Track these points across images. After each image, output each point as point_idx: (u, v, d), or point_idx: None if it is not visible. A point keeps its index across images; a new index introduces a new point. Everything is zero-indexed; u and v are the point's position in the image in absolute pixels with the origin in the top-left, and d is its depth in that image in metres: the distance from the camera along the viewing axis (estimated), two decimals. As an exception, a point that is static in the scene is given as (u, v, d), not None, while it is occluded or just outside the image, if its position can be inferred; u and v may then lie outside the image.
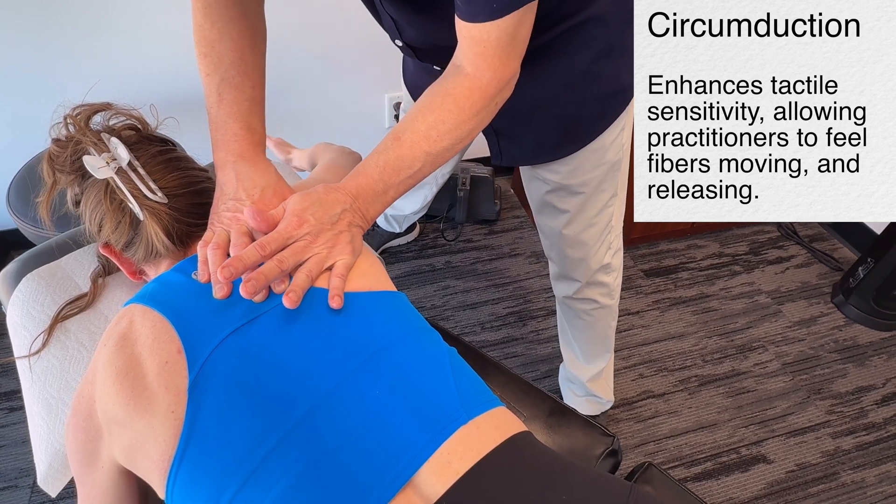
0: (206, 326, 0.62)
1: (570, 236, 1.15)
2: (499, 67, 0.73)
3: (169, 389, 0.59)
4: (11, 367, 1.49)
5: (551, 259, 1.29)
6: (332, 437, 0.58)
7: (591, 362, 1.44)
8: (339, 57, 1.83)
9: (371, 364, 0.62)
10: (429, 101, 0.75)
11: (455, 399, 0.62)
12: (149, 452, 0.59)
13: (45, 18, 1.52)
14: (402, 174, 0.74)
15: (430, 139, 0.74)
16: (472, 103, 0.74)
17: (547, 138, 1.02)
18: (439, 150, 0.75)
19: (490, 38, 0.70)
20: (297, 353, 0.62)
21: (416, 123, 0.75)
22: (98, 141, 0.72)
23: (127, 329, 0.64)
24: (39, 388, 0.82)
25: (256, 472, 0.56)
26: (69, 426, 0.67)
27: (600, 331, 1.37)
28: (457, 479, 0.56)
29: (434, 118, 0.74)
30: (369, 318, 0.66)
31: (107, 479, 0.66)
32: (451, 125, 0.74)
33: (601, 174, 1.06)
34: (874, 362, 1.72)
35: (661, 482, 0.89)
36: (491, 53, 0.72)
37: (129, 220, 0.72)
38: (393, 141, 0.75)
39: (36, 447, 0.81)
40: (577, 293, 1.28)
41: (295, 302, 0.63)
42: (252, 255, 0.65)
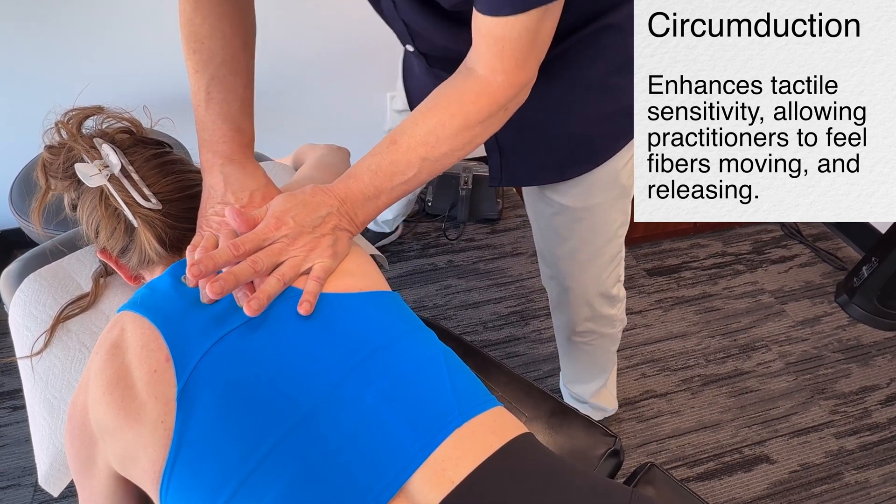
0: (194, 333, 0.62)
1: (575, 266, 1.08)
2: (514, 70, 0.68)
3: (158, 399, 0.59)
4: (14, 367, 1.50)
5: (550, 290, 1.21)
6: (325, 444, 0.57)
7: (589, 382, 1.41)
8: (340, 56, 1.83)
9: (365, 366, 0.61)
10: (432, 104, 0.71)
11: (451, 400, 0.61)
12: (140, 462, 0.59)
13: (48, 18, 1.52)
14: (395, 179, 0.71)
15: (428, 144, 0.70)
16: (478, 109, 0.69)
17: (555, 157, 0.94)
18: (437, 157, 0.70)
19: (511, 36, 0.65)
20: (288, 358, 0.61)
21: (415, 127, 0.71)
22: (91, 147, 0.71)
23: (118, 337, 0.64)
24: (41, 388, 0.82)
25: (250, 479, 0.55)
26: (66, 432, 0.67)
27: (600, 356, 1.32)
28: (452, 488, 0.55)
29: (435, 122, 0.70)
30: (361, 319, 0.65)
31: (105, 485, 0.66)
32: (453, 131, 0.70)
33: (612, 199, 0.99)
34: (878, 362, 1.71)
35: (664, 483, 0.89)
36: (510, 54, 0.67)
37: (125, 227, 0.71)
38: (389, 144, 0.71)
39: (37, 447, 0.81)
40: (578, 329, 1.20)
41: (256, 310, 0.60)
42: (224, 254, 0.63)
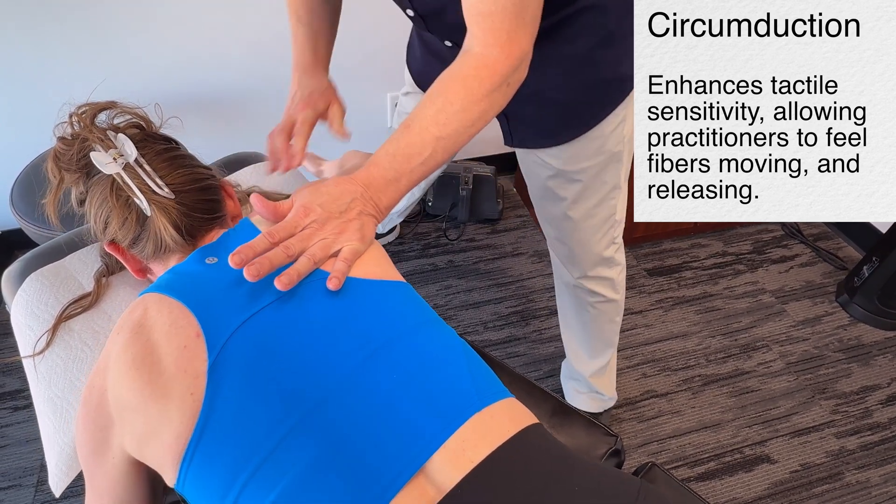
0: (224, 311, 0.63)
1: (571, 223, 1.15)
2: (507, 43, 0.72)
3: (188, 372, 0.60)
4: (15, 367, 1.50)
5: (553, 250, 1.30)
6: (346, 423, 0.58)
7: (594, 357, 1.44)
8: (341, 56, 1.82)
9: (386, 351, 0.63)
10: (438, 87, 0.75)
11: (469, 387, 0.63)
12: (163, 437, 0.60)
13: (49, 18, 1.52)
14: (413, 161, 0.74)
15: (439, 123, 0.73)
16: (480, 83, 0.73)
17: (547, 123, 1.03)
18: (448, 134, 0.74)
19: (496, 10, 0.70)
20: (314, 338, 0.63)
21: (424, 110, 0.74)
22: (104, 138, 0.72)
23: (142, 317, 0.65)
24: (45, 387, 0.82)
25: (272, 456, 0.56)
26: (79, 418, 0.68)
27: (604, 324, 1.37)
28: (472, 468, 0.57)
29: (442, 101, 0.73)
30: (386, 306, 0.67)
31: (116, 470, 0.67)
32: (460, 107, 0.73)
33: (600, 163, 1.06)
34: (879, 362, 1.71)
35: (665, 482, 0.88)
36: (499, 27, 0.71)
37: (136, 217, 0.72)
38: (403, 129, 0.75)
39: (46, 446, 0.81)
40: (579, 281, 1.28)
41: (286, 284, 0.63)
42: (261, 243, 0.66)
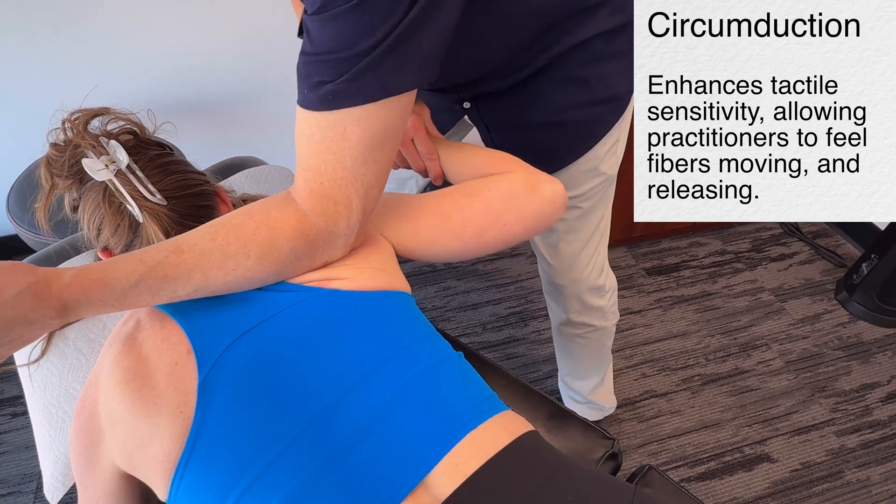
0: (217, 328, 0.63)
1: (562, 257, 1.09)
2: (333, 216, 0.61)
3: (178, 389, 0.59)
4: (13, 374, 1.50)
5: (542, 280, 1.23)
6: (340, 442, 0.58)
7: (587, 378, 1.43)
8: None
9: (380, 371, 0.63)
10: (240, 221, 0.62)
11: (466, 404, 0.63)
12: (153, 453, 0.59)
13: (46, 24, 1.52)
14: (164, 285, 0.59)
15: (225, 270, 0.60)
16: (291, 247, 0.62)
17: (539, 149, 0.94)
18: (217, 287, 0.62)
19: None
20: (307, 357, 0.62)
21: (211, 244, 0.61)
22: (97, 144, 0.72)
23: (134, 329, 0.64)
24: (40, 395, 0.82)
25: (264, 474, 0.56)
26: (72, 431, 0.67)
27: (595, 351, 1.34)
28: (463, 479, 0.57)
29: (237, 247, 0.60)
30: (381, 323, 0.67)
31: (107, 484, 0.66)
32: (255, 262, 0.61)
33: (596, 188, 1.00)
34: (878, 359, 1.71)
35: (662, 485, 0.88)
36: (326, 193, 0.59)
37: (129, 223, 0.72)
38: (169, 251, 0.60)
39: (41, 455, 0.81)
40: (570, 319, 1.23)
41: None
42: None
